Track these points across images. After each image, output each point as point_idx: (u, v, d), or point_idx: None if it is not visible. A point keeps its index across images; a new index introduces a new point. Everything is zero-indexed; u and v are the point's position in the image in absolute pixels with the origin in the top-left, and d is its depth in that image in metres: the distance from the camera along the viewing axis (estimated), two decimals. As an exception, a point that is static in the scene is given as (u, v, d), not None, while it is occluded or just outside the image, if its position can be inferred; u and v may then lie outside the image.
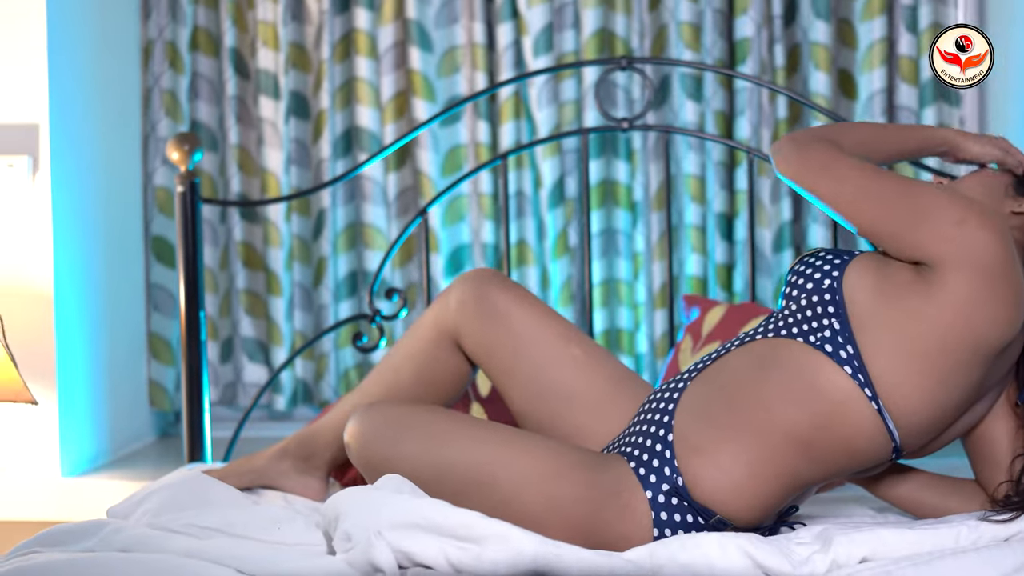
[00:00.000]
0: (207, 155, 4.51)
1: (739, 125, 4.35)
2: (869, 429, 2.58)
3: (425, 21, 4.45)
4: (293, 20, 4.46)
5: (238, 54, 4.50)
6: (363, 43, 4.44)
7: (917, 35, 4.38)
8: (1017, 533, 2.57)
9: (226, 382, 4.58)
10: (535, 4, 4.36)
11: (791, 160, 2.75)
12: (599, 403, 2.92)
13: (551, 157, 4.37)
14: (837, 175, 2.69)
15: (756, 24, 4.34)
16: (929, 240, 2.55)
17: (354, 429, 2.75)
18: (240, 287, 4.52)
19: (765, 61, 4.37)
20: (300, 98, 4.47)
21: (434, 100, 4.44)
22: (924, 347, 2.53)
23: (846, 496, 3.30)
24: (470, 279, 3.03)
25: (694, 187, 4.36)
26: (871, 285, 2.60)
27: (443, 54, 4.48)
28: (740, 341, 2.73)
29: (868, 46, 4.38)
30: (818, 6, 4.35)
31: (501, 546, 2.31)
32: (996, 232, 2.52)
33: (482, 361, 3.00)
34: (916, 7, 4.38)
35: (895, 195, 2.62)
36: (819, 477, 2.65)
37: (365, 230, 4.50)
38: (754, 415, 2.60)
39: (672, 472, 2.58)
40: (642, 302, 4.41)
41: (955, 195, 2.59)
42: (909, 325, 2.54)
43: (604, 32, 4.39)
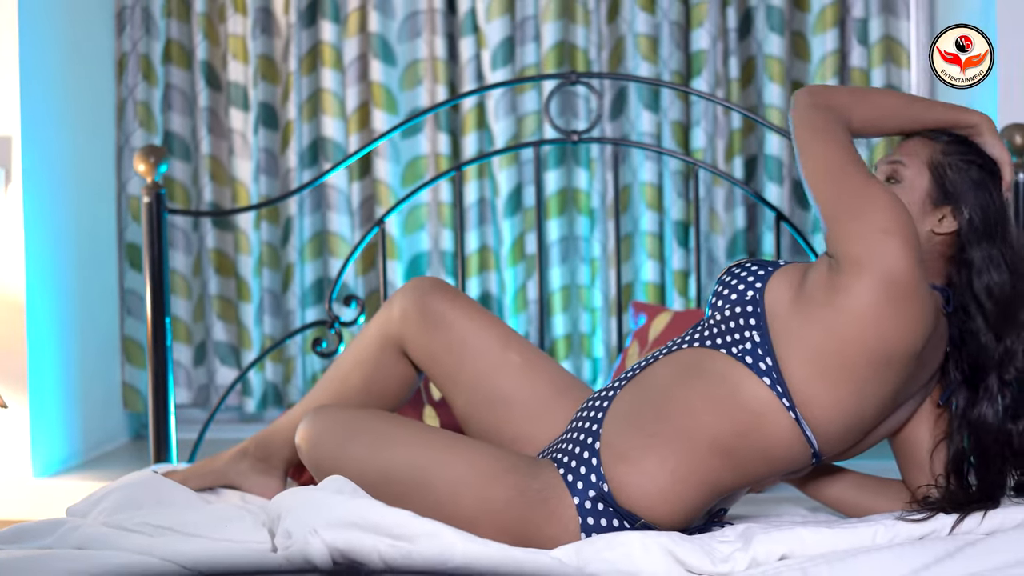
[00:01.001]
0: (180, 165, 4.60)
1: (695, 135, 4.43)
2: (788, 438, 2.65)
3: (388, 35, 4.54)
4: (262, 33, 4.56)
5: (209, 66, 4.60)
6: (329, 56, 4.54)
7: (868, 48, 4.48)
8: (932, 532, 2.64)
9: (199, 384, 4.68)
10: (494, 18, 4.45)
11: (797, 110, 2.85)
12: (538, 408, 2.98)
13: (508, 167, 4.46)
14: (820, 144, 2.76)
15: (712, 37, 4.43)
16: (855, 237, 2.61)
17: (304, 432, 2.84)
18: (212, 292, 4.62)
19: (720, 73, 4.45)
20: (269, 109, 4.57)
21: (396, 112, 4.53)
22: (837, 361, 2.60)
23: (780, 496, 3.37)
24: (412, 288, 3.07)
25: (650, 195, 4.44)
26: (789, 299, 2.66)
27: (405, 67, 4.57)
28: (668, 349, 2.79)
29: (821, 58, 4.46)
30: (772, 19, 4.44)
31: (432, 543, 2.38)
32: (911, 255, 2.58)
33: (426, 367, 3.06)
34: (867, 20, 4.48)
35: (852, 185, 2.68)
36: (740, 484, 2.71)
37: (330, 238, 4.59)
38: (679, 423, 2.66)
39: (598, 479, 2.64)
40: (599, 307, 4.50)
41: (898, 210, 2.64)
42: (822, 341, 2.61)
43: (564, 44, 4.47)
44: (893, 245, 2.58)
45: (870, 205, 2.63)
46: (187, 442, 4.07)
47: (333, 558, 2.38)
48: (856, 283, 2.58)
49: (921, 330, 2.61)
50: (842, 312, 2.59)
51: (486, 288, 4.56)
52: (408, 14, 4.56)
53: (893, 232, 2.59)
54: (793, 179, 4.51)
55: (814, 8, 4.50)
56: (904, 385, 2.71)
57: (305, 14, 4.56)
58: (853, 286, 2.59)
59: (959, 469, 2.78)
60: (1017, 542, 2.51)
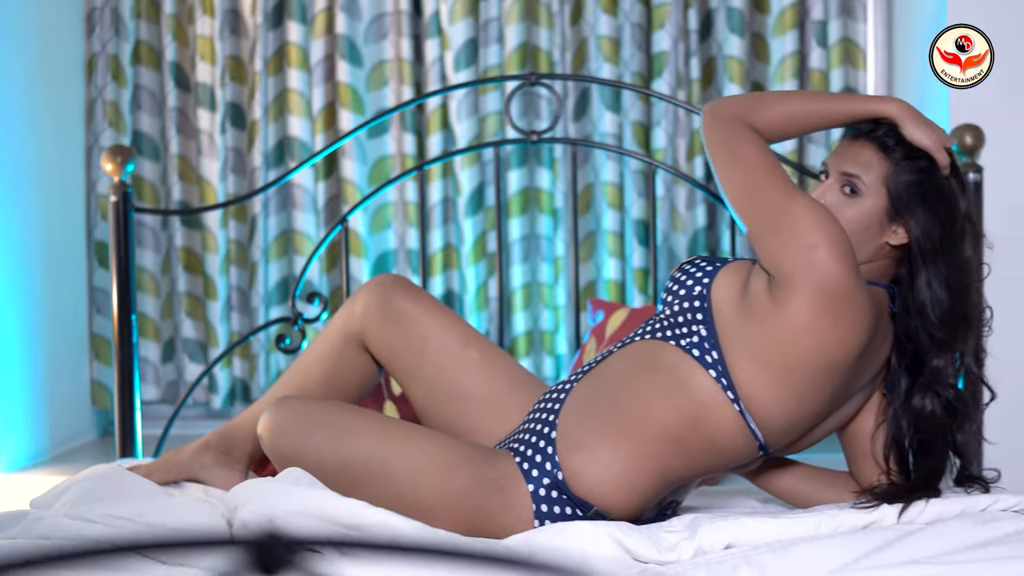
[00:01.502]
0: (149, 164, 4.65)
1: (656, 135, 4.50)
2: (733, 429, 2.70)
3: (355, 36, 4.59)
4: (230, 34, 4.61)
5: (178, 67, 4.64)
6: (296, 56, 4.59)
7: (827, 49, 4.55)
8: (875, 522, 2.68)
9: (168, 381, 4.73)
10: (458, 20, 4.50)
11: (706, 130, 2.85)
12: (495, 403, 3.03)
13: (470, 167, 4.52)
14: (736, 161, 2.78)
15: (673, 38, 4.49)
16: (782, 255, 2.64)
17: (266, 422, 2.88)
18: (181, 290, 4.67)
19: (681, 74, 4.52)
20: (236, 109, 4.62)
21: (362, 112, 4.58)
22: (779, 365, 2.65)
23: (732, 489, 3.42)
24: (375, 285, 3.13)
25: (612, 195, 4.50)
26: (735, 300, 2.71)
27: (372, 68, 4.62)
28: (622, 343, 2.85)
29: (780, 60, 4.54)
30: (732, 21, 4.51)
31: (383, 532, 2.44)
32: (843, 263, 2.60)
33: (387, 362, 3.11)
34: (826, 23, 4.54)
35: (770, 203, 2.71)
36: (690, 473, 2.77)
37: (296, 237, 4.64)
38: (631, 413, 2.71)
39: (553, 467, 2.69)
40: (562, 305, 4.56)
41: (820, 219, 2.65)
42: (764, 345, 2.66)
43: (527, 46, 4.53)
44: (822, 257, 2.60)
45: (792, 221, 2.65)
46: (154, 438, 4.08)
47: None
48: (793, 297, 2.62)
49: (861, 335, 2.65)
50: (783, 322, 2.63)
51: (449, 286, 4.62)
52: (374, 16, 4.60)
53: (819, 244, 2.61)
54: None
55: (774, 10, 4.57)
56: (847, 386, 2.76)
57: (272, 15, 4.60)
58: (791, 300, 2.62)
59: (900, 456, 2.83)
60: (955, 531, 2.56)
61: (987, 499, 2.74)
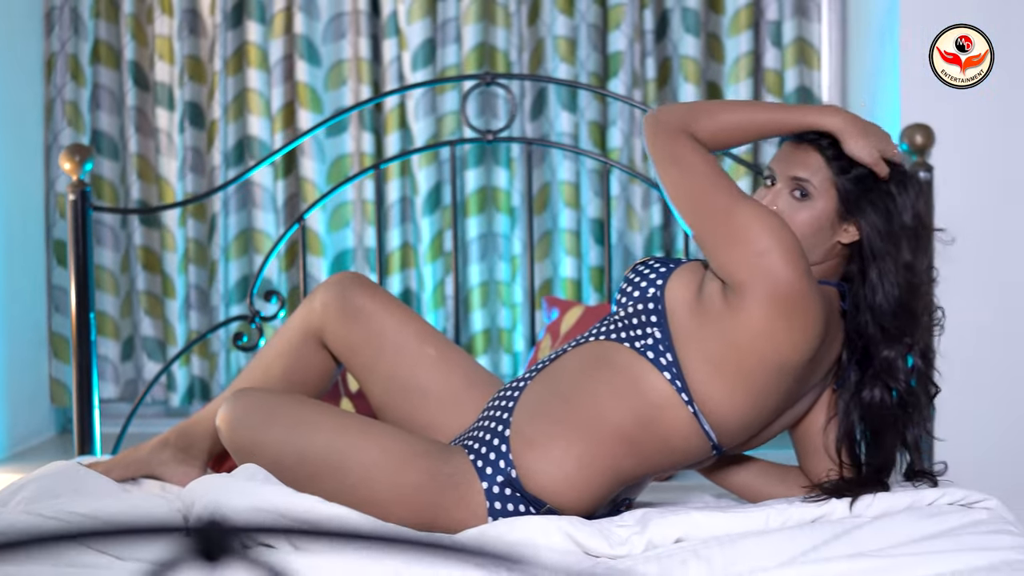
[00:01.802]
0: (108, 163, 4.66)
1: (611, 135, 4.53)
2: (687, 430, 2.73)
3: (313, 36, 4.60)
4: (189, 34, 4.61)
5: (137, 67, 4.65)
6: (255, 56, 4.59)
7: (782, 49, 4.57)
8: (823, 516, 2.72)
9: (127, 379, 4.73)
10: (415, 20, 4.52)
11: (648, 140, 2.85)
12: (451, 399, 3.06)
13: (427, 166, 4.54)
14: (680, 172, 2.78)
15: (628, 38, 4.52)
16: (734, 265, 2.65)
17: (225, 414, 2.89)
18: (140, 289, 4.68)
19: (637, 73, 4.54)
20: (195, 108, 4.63)
21: (321, 111, 4.58)
22: (734, 368, 2.68)
23: (688, 485, 3.48)
24: (334, 283, 3.15)
25: (568, 193, 4.53)
26: (689, 302, 2.73)
27: (330, 68, 4.63)
28: (577, 343, 2.87)
29: (735, 60, 4.56)
30: (688, 21, 4.54)
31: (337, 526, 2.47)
32: (795, 267, 2.62)
33: (345, 358, 3.14)
34: (781, 23, 4.57)
35: (718, 212, 2.71)
36: (643, 472, 2.80)
37: (255, 235, 4.65)
38: (585, 412, 2.74)
39: (507, 464, 2.73)
40: (519, 303, 4.58)
41: (768, 225, 2.66)
42: (719, 349, 2.68)
43: (484, 46, 4.55)
44: (773, 263, 2.61)
45: (740, 230, 2.66)
46: (113, 436, 4.09)
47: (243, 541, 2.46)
48: (747, 303, 2.64)
49: (814, 336, 2.68)
50: (737, 327, 2.65)
51: (407, 284, 4.63)
52: (332, 16, 4.61)
53: (769, 250, 2.62)
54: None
55: (729, 10, 4.59)
56: (800, 385, 2.79)
57: (231, 15, 4.61)
58: (745, 306, 2.64)
59: (851, 450, 2.87)
60: (901, 525, 2.60)
61: (934, 493, 2.77)
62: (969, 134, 4.01)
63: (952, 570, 2.40)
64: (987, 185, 4.03)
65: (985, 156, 4.03)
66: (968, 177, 4.00)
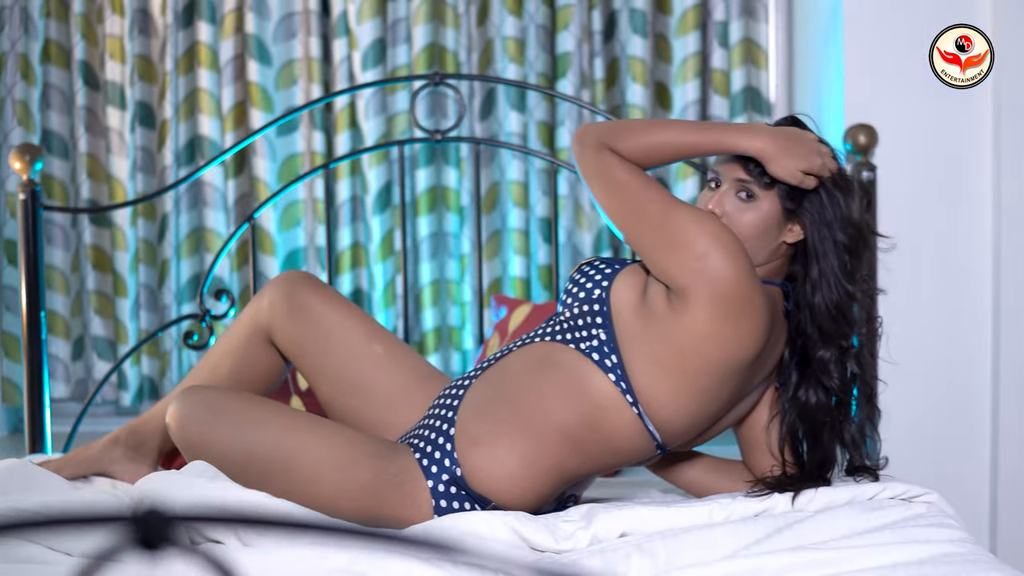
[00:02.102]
0: (59, 163, 4.65)
1: (560, 135, 4.55)
2: (631, 431, 2.76)
3: (264, 36, 4.61)
4: (140, 34, 4.61)
5: (87, 66, 4.65)
6: (205, 56, 4.60)
7: (728, 49, 4.60)
8: (765, 510, 2.75)
9: (77, 378, 4.73)
10: (365, 20, 4.53)
11: (576, 160, 2.87)
12: (398, 397, 3.08)
13: (378, 166, 4.55)
14: (608, 188, 2.80)
15: (577, 39, 4.54)
16: (675, 270, 2.67)
17: (174, 412, 2.90)
18: (90, 288, 4.68)
19: (586, 74, 4.57)
20: (146, 108, 4.63)
21: (272, 111, 4.60)
22: (679, 370, 2.70)
23: (636, 480, 3.51)
24: (282, 281, 3.17)
25: (517, 193, 4.55)
26: (634, 304, 2.75)
27: (281, 67, 4.64)
28: (522, 342, 2.89)
29: (683, 60, 4.59)
30: (635, 22, 4.56)
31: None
32: (737, 266, 2.64)
33: (293, 357, 3.15)
34: (728, 23, 4.60)
35: (652, 222, 2.73)
36: (587, 471, 2.82)
37: (206, 235, 4.66)
38: (529, 412, 2.76)
39: (452, 463, 2.75)
40: (469, 301, 4.60)
41: (706, 227, 2.68)
42: (664, 351, 2.70)
43: (434, 46, 4.57)
44: (713, 265, 2.64)
45: (676, 236, 2.68)
46: (64, 435, 4.11)
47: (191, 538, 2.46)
48: (691, 307, 2.65)
49: (759, 336, 2.70)
50: (683, 330, 2.67)
51: (358, 283, 4.64)
52: (283, 15, 4.62)
53: (708, 253, 2.64)
54: (656, 175, 4.60)
55: (676, 11, 4.62)
56: (745, 384, 2.82)
57: (182, 15, 4.61)
58: (689, 310, 2.66)
59: (794, 447, 2.89)
60: (842, 518, 2.63)
61: (875, 487, 2.80)
62: (911, 134, 4.05)
63: (893, 562, 2.42)
64: (929, 184, 4.07)
65: (927, 156, 4.07)
66: (910, 177, 4.04)
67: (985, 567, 2.39)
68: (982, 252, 4.08)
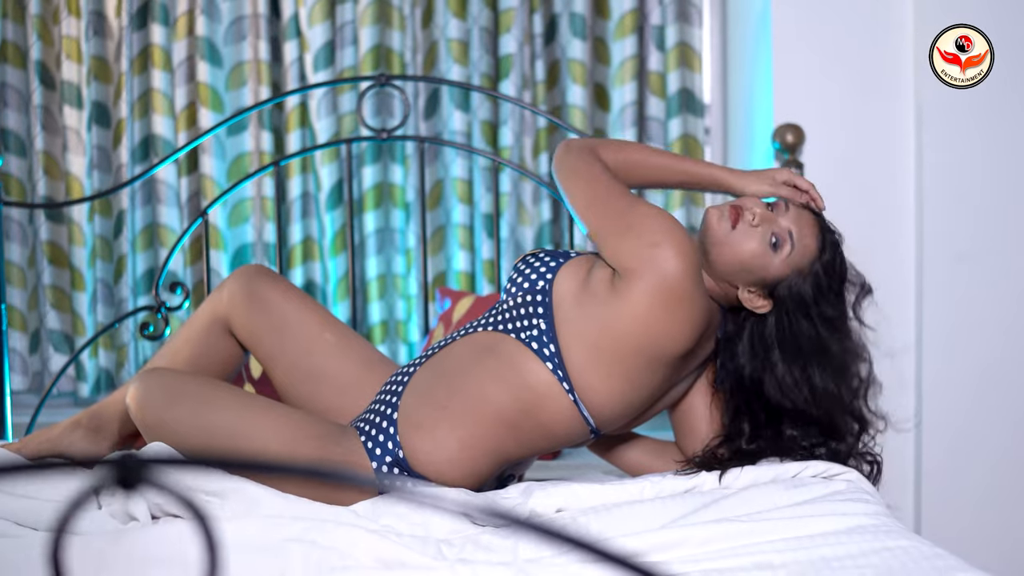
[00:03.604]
0: (16, 160, 4.70)
1: (503, 134, 4.63)
2: (567, 416, 2.86)
3: (215, 38, 4.67)
4: (95, 35, 4.67)
5: (44, 66, 4.70)
6: (159, 57, 4.66)
7: (665, 52, 4.68)
8: (694, 487, 2.86)
9: (35, 371, 4.78)
10: (315, 23, 4.59)
11: (556, 161, 3.00)
12: (349, 383, 3.18)
13: (330, 163, 4.62)
14: (579, 182, 2.92)
15: (519, 42, 4.62)
16: (627, 254, 2.76)
17: (135, 392, 2.96)
18: (47, 283, 4.72)
19: (527, 75, 4.65)
20: (102, 107, 4.68)
21: (222, 111, 4.65)
22: (612, 355, 2.80)
23: (578, 463, 3.59)
24: (240, 274, 3.27)
25: (461, 190, 4.63)
26: (574, 294, 2.84)
27: (231, 69, 4.69)
28: (465, 331, 2.99)
29: (620, 62, 4.67)
30: (575, 26, 4.64)
31: (240, 497, 2.60)
32: (685, 263, 2.73)
33: (251, 345, 3.25)
34: (664, 27, 4.68)
35: (616, 210, 2.84)
36: (525, 453, 2.93)
37: (160, 230, 4.71)
38: (469, 398, 2.86)
39: (394, 445, 2.84)
40: (414, 294, 4.67)
41: (664, 223, 2.78)
42: (599, 337, 2.79)
43: (381, 48, 4.64)
44: (664, 254, 2.73)
45: (636, 223, 2.79)
46: (23, 426, 4.16)
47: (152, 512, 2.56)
48: (633, 289, 2.75)
49: (689, 335, 2.80)
50: (620, 314, 2.76)
51: (310, 277, 4.70)
52: (234, 18, 4.67)
53: (662, 243, 2.74)
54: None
55: (614, 15, 4.69)
56: (674, 375, 2.92)
57: (136, 17, 4.65)
58: (631, 292, 2.75)
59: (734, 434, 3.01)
60: (765, 494, 2.74)
61: (797, 466, 2.90)
62: (837, 133, 4.13)
63: (810, 533, 2.53)
64: (854, 181, 4.15)
65: (853, 154, 4.16)
66: (836, 174, 4.11)
67: (895, 536, 2.49)
68: (905, 247, 4.17)
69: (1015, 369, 4.18)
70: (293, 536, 2.39)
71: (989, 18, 3.52)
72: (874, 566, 2.32)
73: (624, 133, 4.65)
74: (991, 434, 4.19)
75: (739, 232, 2.84)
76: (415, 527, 2.63)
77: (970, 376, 4.19)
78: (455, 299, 4.10)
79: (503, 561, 2.43)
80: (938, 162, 4.11)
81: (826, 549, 2.44)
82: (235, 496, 2.61)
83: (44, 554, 1.36)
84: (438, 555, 2.44)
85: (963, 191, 4.13)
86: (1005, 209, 4.14)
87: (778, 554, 2.42)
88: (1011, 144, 4.12)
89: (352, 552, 2.36)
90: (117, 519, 2.57)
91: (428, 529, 2.64)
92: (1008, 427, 4.19)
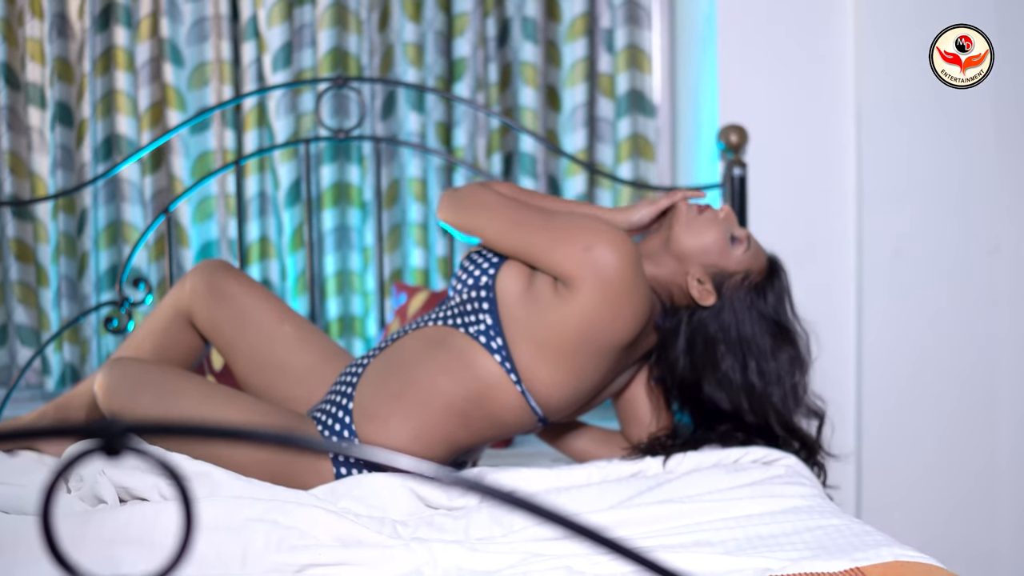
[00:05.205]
0: (-20, 159, 4.71)
1: (457, 134, 4.70)
2: (515, 407, 2.97)
3: (177, 39, 4.71)
4: (59, 37, 4.69)
5: (8, 67, 4.73)
6: (122, 58, 4.69)
7: (614, 54, 4.76)
8: (639, 472, 2.98)
9: (3, 364, 4.81)
10: (274, 24, 4.64)
11: (446, 207, 3.08)
12: (307, 373, 3.27)
13: (288, 162, 4.67)
14: (486, 212, 3.01)
15: (472, 45, 4.69)
16: (565, 263, 2.85)
17: (102, 381, 3.03)
18: (13, 279, 4.76)
19: (481, 77, 4.72)
20: (65, 108, 4.71)
21: (185, 110, 4.69)
22: (556, 351, 2.90)
23: (529, 452, 3.69)
24: (202, 268, 3.35)
25: (417, 189, 4.69)
26: (519, 293, 2.94)
27: (193, 69, 4.73)
28: (416, 325, 3.08)
29: (572, 64, 4.75)
30: (527, 29, 4.71)
31: (204, 480, 2.67)
32: (621, 255, 2.82)
33: (212, 337, 3.33)
34: (613, 30, 4.75)
35: (535, 223, 2.94)
36: (475, 442, 3.03)
37: (124, 227, 4.75)
38: (420, 389, 2.95)
39: (350, 435, 2.94)
40: (371, 291, 4.73)
41: (585, 225, 2.88)
42: (544, 334, 2.89)
43: (338, 50, 4.70)
44: (600, 254, 2.82)
45: (561, 234, 2.88)
46: (-12, 418, 4.24)
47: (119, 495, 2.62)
48: (578, 294, 2.84)
49: (634, 325, 2.89)
50: (567, 315, 2.86)
51: (266, 274, 4.76)
52: (195, 20, 4.70)
53: (594, 243, 2.83)
54: (547, 174, 4.77)
55: (565, 19, 4.77)
56: (618, 366, 3.03)
57: (99, 19, 4.68)
58: (576, 297, 2.85)
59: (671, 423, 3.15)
60: (707, 478, 2.85)
61: (738, 452, 3.01)
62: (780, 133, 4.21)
63: (749, 513, 2.64)
64: (796, 180, 4.24)
65: (795, 154, 4.24)
66: (778, 173, 4.20)
67: (828, 515, 2.60)
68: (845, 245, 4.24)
69: (948, 357, 4.26)
70: (255, 516, 2.45)
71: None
72: (806, 543, 2.42)
73: (575, 133, 4.73)
74: (925, 418, 4.28)
75: (705, 218, 3.02)
76: (372, 509, 2.71)
77: (906, 366, 4.27)
78: (411, 294, 4.19)
79: (456, 539, 2.52)
80: (877, 162, 4.18)
81: (762, 528, 2.54)
82: (200, 480, 2.67)
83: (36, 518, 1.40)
84: (394, 534, 2.53)
85: (901, 189, 4.20)
86: (940, 206, 4.21)
87: (716, 532, 2.52)
88: (943, 145, 4.19)
89: (312, 531, 2.43)
90: (87, 502, 2.62)
91: (385, 511, 2.72)
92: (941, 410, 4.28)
